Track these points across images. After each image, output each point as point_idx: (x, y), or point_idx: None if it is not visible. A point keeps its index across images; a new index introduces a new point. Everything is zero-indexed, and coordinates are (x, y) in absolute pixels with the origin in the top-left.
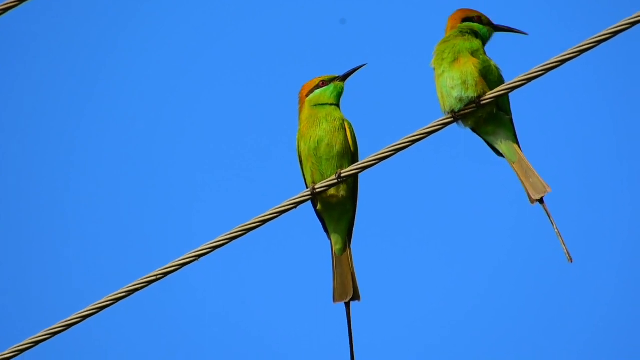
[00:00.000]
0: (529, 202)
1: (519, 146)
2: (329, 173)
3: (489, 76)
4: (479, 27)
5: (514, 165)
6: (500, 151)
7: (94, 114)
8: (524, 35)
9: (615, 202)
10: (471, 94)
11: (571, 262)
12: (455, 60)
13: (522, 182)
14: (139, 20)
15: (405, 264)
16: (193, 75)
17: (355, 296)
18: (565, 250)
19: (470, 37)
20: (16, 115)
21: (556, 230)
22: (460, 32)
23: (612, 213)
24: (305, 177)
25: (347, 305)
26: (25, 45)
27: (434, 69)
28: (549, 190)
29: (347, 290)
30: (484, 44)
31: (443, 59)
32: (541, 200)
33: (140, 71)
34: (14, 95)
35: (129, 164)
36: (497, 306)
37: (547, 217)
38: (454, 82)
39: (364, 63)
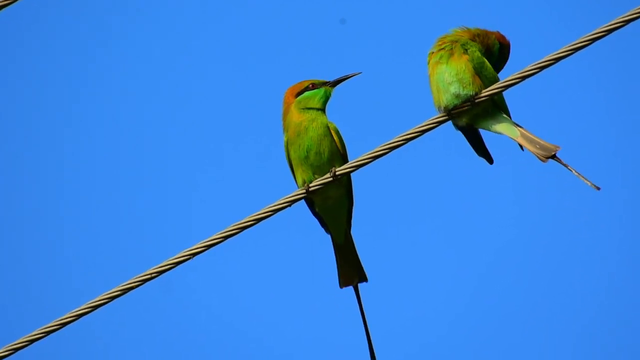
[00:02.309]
0: (542, 161)
1: (516, 123)
2: (322, 175)
3: (484, 72)
4: (496, 47)
5: (517, 140)
6: (503, 133)
7: (91, 113)
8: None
9: (612, 201)
10: (469, 91)
11: (599, 189)
12: (451, 53)
13: (531, 150)
14: (138, 20)
15: (402, 262)
16: (192, 74)
17: (362, 278)
18: (589, 184)
19: (476, 44)
20: (12, 114)
21: (575, 172)
22: (478, 35)
23: (608, 211)
24: (297, 180)
25: (356, 287)
26: (14, 42)
27: (431, 54)
28: (558, 148)
29: (353, 275)
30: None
31: (442, 45)
32: (553, 157)
33: (139, 70)
34: (9, 95)
35: (124, 162)
36: (493, 302)
37: (565, 167)
38: (451, 78)
39: (359, 72)
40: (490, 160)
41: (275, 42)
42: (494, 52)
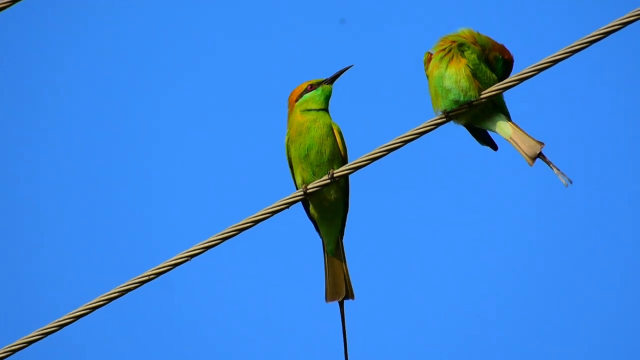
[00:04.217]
0: (529, 164)
1: (512, 120)
2: (321, 176)
3: (479, 74)
4: (499, 64)
5: (510, 139)
6: (497, 132)
7: (91, 113)
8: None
9: (611, 201)
10: (470, 97)
11: (570, 184)
12: (450, 59)
13: (520, 149)
14: (138, 19)
15: (399, 262)
16: (191, 74)
17: (349, 295)
18: (561, 179)
19: (475, 48)
20: (11, 115)
21: (555, 169)
22: (483, 45)
23: (607, 210)
24: (296, 179)
25: (341, 304)
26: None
27: (428, 54)
28: (543, 145)
29: (340, 289)
30: (486, 77)
31: (444, 46)
32: (539, 155)
33: (138, 70)
34: (5, 95)
35: (122, 163)
36: (490, 303)
37: (547, 164)
38: (450, 84)
39: (351, 64)
40: (494, 147)
41: (275, 42)
42: (497, 68)
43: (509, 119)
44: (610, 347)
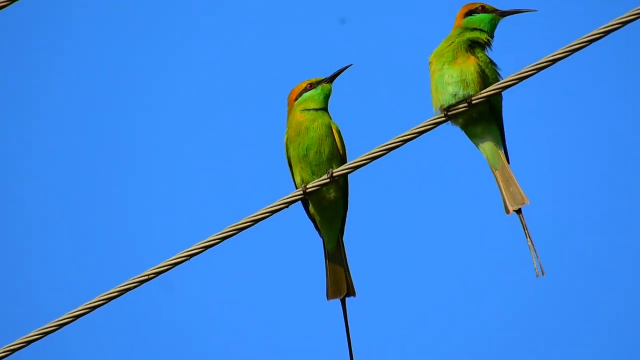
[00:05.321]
0: (505, 212)
1: (504, 154)
2: (320, 175)
3: (487, 72)
4: (483, 17)
5: (495, 172)
6: (485, 156)
7: (90, 113)
8: (533, 12)
9: (611, 201)
10: (470, 91)
11: (540, 276)
12: (454, 59)
13: (502, 190)
14: (137, 18)
15: (398, 261)
16: (190, 73)
17: (350, 292)
18: (535, 265)
19: (469, 32)
20: (10, 114)
21: (529, 243)
22: (464, 29)
23: (602, 212)
24: (295, 179)
25: (343, 301)
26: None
27: (431, 62)
28: (527, 202)
29: (341, 286)
30: (490, 34)
31: (442, 55)
32: (518, 211)
33: (137, 69)
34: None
35: (121, 163)
36: (490, 299)
37: (522, 229)
38: (452, 79)
39: (350, 63)
40: None
41: (275, 43)
42: (485, 23)
43: (503, 145)
44: (609, 347)
